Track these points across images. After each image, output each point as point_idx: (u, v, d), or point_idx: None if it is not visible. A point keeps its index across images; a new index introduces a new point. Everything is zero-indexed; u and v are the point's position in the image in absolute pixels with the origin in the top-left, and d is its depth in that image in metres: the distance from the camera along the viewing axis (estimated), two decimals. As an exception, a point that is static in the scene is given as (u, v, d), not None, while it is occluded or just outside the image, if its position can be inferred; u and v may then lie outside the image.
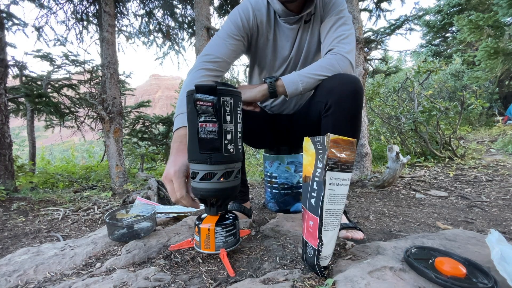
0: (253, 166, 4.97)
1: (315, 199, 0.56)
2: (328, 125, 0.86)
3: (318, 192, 0.55)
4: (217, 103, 0.58)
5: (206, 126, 0.59)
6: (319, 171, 0.55)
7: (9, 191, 2.02)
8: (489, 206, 1.47)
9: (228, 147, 0.62)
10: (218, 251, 0.67)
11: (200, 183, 0.64)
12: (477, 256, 0.59)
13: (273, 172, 1.30)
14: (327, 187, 0.54)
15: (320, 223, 0.55)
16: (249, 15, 0.95)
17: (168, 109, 44.96)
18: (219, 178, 0.63)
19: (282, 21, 0.98)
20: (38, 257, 0.77)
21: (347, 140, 0.55)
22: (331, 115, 0.85)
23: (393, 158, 1.95)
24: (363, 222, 1.24)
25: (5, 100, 2.19)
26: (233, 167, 0.65)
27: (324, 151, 0.54)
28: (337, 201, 0.56)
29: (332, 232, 0.57)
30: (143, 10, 4.00)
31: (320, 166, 0.55)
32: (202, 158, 0.62)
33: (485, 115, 6.99)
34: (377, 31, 3.51)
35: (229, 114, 0.61)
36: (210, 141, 0.60)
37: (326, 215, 0.55)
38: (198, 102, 0.57)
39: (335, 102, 0.83)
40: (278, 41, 1.02)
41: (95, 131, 4.17)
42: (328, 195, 0.54)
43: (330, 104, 0.84)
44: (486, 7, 8.41)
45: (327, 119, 0.86)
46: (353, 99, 0.82)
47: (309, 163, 0.60)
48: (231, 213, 0.74)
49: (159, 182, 1.78)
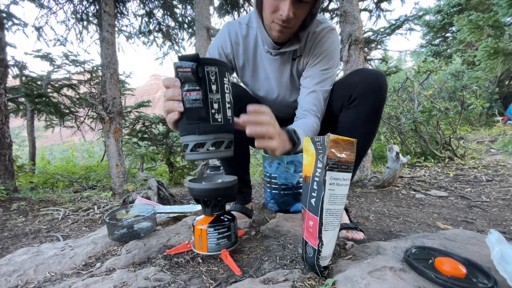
0: (253, 166, 4.98)
1: (315, 199, 0.56)
2: (349, 117, 0.85)
3: (318, 192, 0.55)
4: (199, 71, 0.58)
5: (190, 95, 0.59)
6: (319, 171, 0.55)
7: (9, 191, 2.02)
8: (489, 206, 1.47)
9: (216, 116, 0.61)
10: (211, 252, 0.68)
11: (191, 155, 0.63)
12: (477, 256, 0.58)
13: (273, 172, 1.30)
14: (327, 187, 0.54)
15: (320, 223, 0.55)
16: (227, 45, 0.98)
17: (168, 109, 44.66)
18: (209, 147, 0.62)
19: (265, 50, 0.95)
20: (38, 257, 0.77)
21: (347, 140, 0.55)
22: (354, 107, 0.84)
23: (393, 158, 1.95)
24: (363, 222, 1.24)
25: (5, 100, 2.19)
26: (223, 137, 0.64)
27: (324, 151, 0.54)
28: (337, 201, 0.56)
29: (332, 232, 0.57)
30: (143, 10, 4.01)
31: (320, 166, 0.55)
32: (190, 129, 0.62)
33: (485, 115, 6.99)
34: (377, 31, 3.51)
35: (214, 83, 0.60)
36: (196, 110, 0.59)
37: (326, 215, 0.55)
38: (178, 70, 0.57)
39: (360, 95, 0.82)
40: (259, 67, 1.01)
41: (95, 131, 4.17)
42: (328, 195, 0.54)
43: (355, 96, 0.83)
44: (486, 7, 8.41)
45: (349, 111, 0.85)
46: (378, 92, 0.82)
47: (309, 163, 0.60)
48: (229, 215, 0.73)
49: (159, 182, 1.78)
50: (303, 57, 0.95)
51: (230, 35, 0.97)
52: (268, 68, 0.99)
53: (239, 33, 0.97)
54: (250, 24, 0.97)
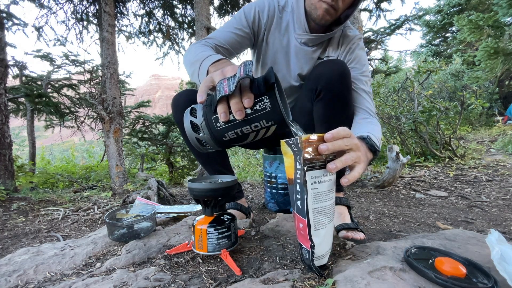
0: (253, 166, 4.98)
1: (300, 201, 0.56)
2: (320, 110, 0.87)
3: (302, 194, 0.54)
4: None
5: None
6: (299, 173, 0.54)
7: (9, 191, 2.02)
8: (489, 206, 1.47)
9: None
10: (211, 252, 0.68)
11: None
12: (477, 256, 0.58)
13: (273, 172, 1.30)
14: (309, 186, 0.53)
15: (308, 224, 0.54)
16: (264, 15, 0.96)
17: (168, 109, 44.90)
18: None
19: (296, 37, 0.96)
20: (38, 257, 0.77)
21: (321, 137, 0.53)
22: (321, 100, 0.86)
23: (393, 158, 1.95)
24: (363, 222, 1.23)
25: (5, 100, 2.19)
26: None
27: (300, 152, 0.53)
28: (323, 198, 0.55)
29: (324, 230, 0.56)
30: (143, 10, 4.00)
31: (299, 168, 0.54)
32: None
33: (485, 115, 6.99)
34: (377, 31, 3.50)
35: None
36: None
37: (314, 214, 0.54)
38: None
39: (324, 87, 0.84)
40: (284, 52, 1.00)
41: (95, 131, 4.17)
42: (312, 195, 0.53)
43: (320, 89, 0.85)
44: (486, 7, 8.42)
45: (318, 104, 0.87)
46: (340, 81, 0.83)
47: (290, 165, 0.58)
48: (229, 215, 0.73)
49: (159, 182, 1.78)
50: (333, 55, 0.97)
51: (269, 8, 0.96)
52: (293, 56, 0.99)
53: (276, 11, 0.97)
54: (286, 8, 0.97)
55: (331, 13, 0.85)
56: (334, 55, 0.98)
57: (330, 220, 0.57)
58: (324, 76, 0.84)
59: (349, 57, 0.96)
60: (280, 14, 0.97)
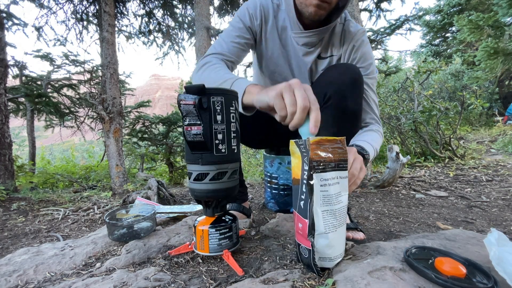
0: (253, 166, 4.98)
1: (303, 202, 0.56)
2: (328, 117, 0.83)
3: (306, 195, 0.54)
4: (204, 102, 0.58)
5: (191, 129, 0.58)
6: (306, 174, 0.54)
7: (9, 191, 2.02)
8: (489, 206, 1.47)
9: (219, 147, 0.61)
10: (213, 253, 0.67)
11: (193, 184, 0.65)
12: (477, 256, 0.58)
13: (273, 172, 1.30)
14: (318, 188, 0.53)
15: (309, 225, 0.54)
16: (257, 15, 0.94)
17: (168, 109, 44.91)
18: (211, 179, 0.63)
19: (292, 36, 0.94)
20: (38, 257, 0.77)
21: (332, 140, 0.54)
22: (330, 107, 0.81)
23: (393, 158, 1.95)
24: (363, 222, 1.23)
25: (5, 100, 2.19)
26: (226, 168, 0.64)
27: (307, 153, 0.53)
28: (333, 201, 0.55)
29: (333, 234, 0.56)
30: (143, 10, 4.01)
31: (306, 169, 0.54)
32: (193, 158, 0.62)
33: (485, 115, 6.99)
34: (377, 31, 3.50)
35: (220, 113, 0.60)
36: (198, 144, 0.60)
37: (324, 216, 0.54)
38: (181, 102, 0.56)
39: (334, 92, 0.80)
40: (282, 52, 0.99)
41: (95, 131, 4.17)
42: (321, 197, 0.53)
43: (330, 94, 0.81)
44: (486, 7, 8.41)
45: (326, 111, 0.83)
46: (353, 90, 0.80)
47: (296, 166, 0.58)
48: (230, 215, 0.73)
49: (159, 182, 1.78)
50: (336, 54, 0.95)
51: (261, 7, 0.93)
52: (292, 55, 0.97)
53: (271, 11, 0.94)
54: (280, 6, 0.95)
55: (324, 7, 0.79)
56: (337, 54, 0.94)
57: (341, 223, 0.57)
58: (336, 82, 0.80)
59: (353, 55, 0.92)
60: (276, 13, 0.94)
